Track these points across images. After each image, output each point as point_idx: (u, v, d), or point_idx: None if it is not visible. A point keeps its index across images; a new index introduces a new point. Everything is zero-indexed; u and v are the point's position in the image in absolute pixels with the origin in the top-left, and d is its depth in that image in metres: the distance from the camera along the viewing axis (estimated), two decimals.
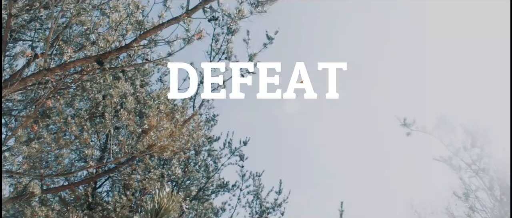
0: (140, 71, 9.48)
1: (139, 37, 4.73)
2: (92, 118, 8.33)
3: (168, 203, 1.95)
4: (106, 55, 4.62)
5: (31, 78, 4.70)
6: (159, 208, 1.95)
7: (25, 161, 5.54)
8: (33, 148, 5.49)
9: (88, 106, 8.66)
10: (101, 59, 4.53)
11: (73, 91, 8.48)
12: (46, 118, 8.08)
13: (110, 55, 4.71)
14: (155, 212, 1.95)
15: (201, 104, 8.86)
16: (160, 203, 1.95)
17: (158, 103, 5.90)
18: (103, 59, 4.60)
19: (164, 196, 1.95)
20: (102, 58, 4.56)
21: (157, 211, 1.94)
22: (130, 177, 8.85)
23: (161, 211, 1.95)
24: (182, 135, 8.80)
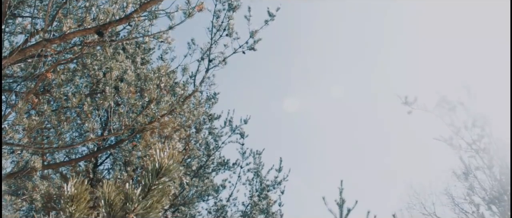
0: (140, 49, 9.43)
1: (139, 8, 4.67)
2: (92, 95, 8.31)
3: (169, 163, 1.94)
4: (106, 26, 4.57)
5: (30, 49, 4.67)
6: (160, 168, 1.94)
7: (26, 133, 5.53)
8: (34, 120, 5.48)
9: (88, 82, 8.64)
10: (101, 30, 4.49)
11: (74, 67, 8.45)
12: (46, 93, 8.08)
13: (110, 26, 4.67)
14: (156, 172, 1.94)
15: (202, 81, 8.82)
16: (161, 163, 1.94)
17: (158, 76, 5.87)
18: (103, 30, 4.55)
19: (165, 156, 1.94)
20: (102, 29, 4.52)
21: (158, 171, 1.93)
22: (131, 153, 8.86)
23: (162, 171, 1.94)
24: (183, 112, 8.80)
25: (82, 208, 2.31)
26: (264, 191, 10.03)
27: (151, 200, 1.97)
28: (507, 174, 11.16)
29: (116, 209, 2.00)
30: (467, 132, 11.15)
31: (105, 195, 1.99)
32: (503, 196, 11.46)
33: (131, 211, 1.97)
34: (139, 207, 1.96)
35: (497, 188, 11.62)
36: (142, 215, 2.02)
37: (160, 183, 1.95)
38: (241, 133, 10.55)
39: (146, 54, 9.83)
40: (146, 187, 1.95)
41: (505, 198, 11.38)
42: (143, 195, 1.95)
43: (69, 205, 2.32)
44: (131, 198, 1.95)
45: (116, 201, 1.99)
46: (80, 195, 2.32)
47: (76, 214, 2.31)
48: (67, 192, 2.32)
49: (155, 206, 2.05)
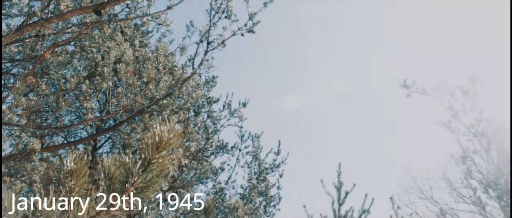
0: (139, 32, 9.38)
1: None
2: (91, 77, 8.29)
3: (169, 137, 1.94)
4: (104, 5, 4.54)
5: (28, 27, 4.63)
6: (160, 141, 1.93)
7: (24, 113, 5.53)
8: (32, 100, 5.47)
9: (87, 64, 8.60)
10: (99, 9, 4.46)
11: (72, 50, 8.41)
12: (44, 75, 8.05)
13: (108, 5, 4.63)
14: (155, 146, 1.93)
15: (201, 63, 8.79)
16: (161, 137, 1.93)
17: (157, 56, 5.84)
18: (101, 9, 4.52)
19: (164, 130, 1.93)
20: (100, 8, 4.48)
21: (157, 144, 1.93)
22: (129, 136, 8.87)
23: (162, 145, 1.93)
24: (181, 94, 8.79)
25: (81, 182, 2.31)
26: (263, 174, 10.07)
27: (151, 173, 1.97)
28: (504, 158, 11.22)
29: (115, 182, 2.00)
30: (465, 116, 11.19)
31: (105, 169, 1.99)
32: (500, 180, 11.54)
33: (131, 184, 1.97)
34: (139, 181, 1.96)
35: (494, 171, 11.69)
36: (142, 188, 2.03)
37: (160, 157, 1.95)
38: (239, 116, 10.55)
39: (144, 37, 9.78)
40: (146, 161, 1.95)
41: (502, 181, 11.46)
42: (143, 168, 1.95)
43: (69, 179, 2.32)
44: (131, 171, 1.94)
45: (116, 174, 1.99)
46: (80, 170, 2.32)
47: (76, 188, 2.31)
48: (66, 166, 2.33)
49: (155, 180, 2.05)
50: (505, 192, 11.44)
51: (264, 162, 10.47)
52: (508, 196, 11.29)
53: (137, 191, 2.02)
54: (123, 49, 7.27)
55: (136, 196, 2.05)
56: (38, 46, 7.31)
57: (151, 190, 2.08)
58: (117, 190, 1.98)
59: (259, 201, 9.92)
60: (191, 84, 9.58)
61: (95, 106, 6.50)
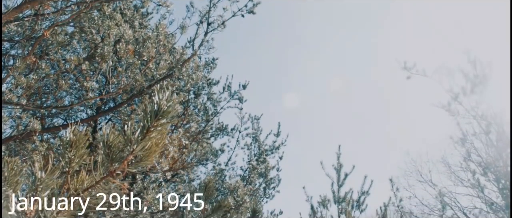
0: (138, 13, 9.33)
1: None
2: (90, 59, 8.27)
3: (167, 105, 1.94)
4: None
5: (27, 5, 4.61)
6: (158, 109, 1.94)
7: (24, 92, 5.53)
8: (32, 79, 5.47)
9: (86, 45, 8.58)
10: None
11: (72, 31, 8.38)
12: (44, 56, 8.03)
13: None
14: (154, 113, 1.94)
15: (201, 44, 8.77)
16: (160, 105, 1.94)
17: (157, 34, 5.82)
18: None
19: (163, 98, 1.94)
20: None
21: (156, 112, 1.94)
22: (129, 117, 8.88)
23: (160, 113, 1.94)
24: (181, 75, 8.79)
25: (81, 153, 2.33)
26: (262, 155, 10.10)
27: (150, 141, 1.98)
28: (503, 140, 11.24)
29: (115, 151, 2.01)
30: (465, 98, 11.19)
31: (104, 138, 2.00)
32: (499, 161, 11.58)
33: (130, 152, 1.99)
34: (138, 149, 1.97)
35: (493, 153, 11.73)
36: (141, 157, 2.04)
37: (159, 125, 1.96)
38: (239, 98, 10.55)
39: (144, 19, 9.73)
40: (145, 129, 1.96)
41: (501, 164, 11.50)
42: (142, 136, 1.96)
43: (68, 150, 2.33)
44: (129, 139, 1.96)
45: (115, 143, 2.01)
46: (79, 141, 2.33)
47: (76, 159, 2.33)
48: (66, 137, 2.34)
49: (154, 149, 2.06)
50: (503, 174, 11.49)
51: (264, 144, 10.50)
52: (506, 178, 11.34)
53: (136, 159, 2.03)
54: (123, 30, 7.25)
55: (135, 165, 2.07)
56: (37, 27, 7.29)
57: (150, 159, 2.10)
58: (116, 158, 2.00)
59: (258, 182, 9.97)
60: (191, 66, 9.56)
61: (95, 86, 6.49)
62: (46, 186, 2.08)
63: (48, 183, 2.09)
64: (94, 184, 2.08)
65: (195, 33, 9.13)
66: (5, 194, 2.30)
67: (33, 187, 2.09)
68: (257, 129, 10.68)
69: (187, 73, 9.00)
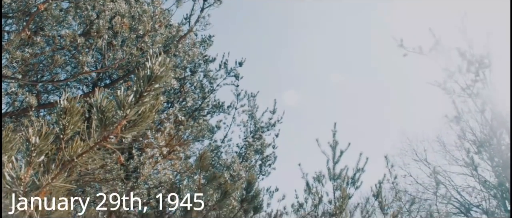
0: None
1: None
2: (86, 35, 8.21)
3: (161, 70, 1.95)
4: None
5: None
6: (151, 74, 1.94)
7: (20, 67, 5.51)
8: (27, 52, 5.44)
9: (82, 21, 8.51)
10: None
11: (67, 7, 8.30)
12: (39, 31, 7.97)
13: None
14: (147, 78, 1.95)
15: (197, 20, 8.73)
16: (152, 70, 1.94)
17: (153, 9, 5.78)
18: None
19: (156, 62, 1.94)
20: None
21: (149, 77, 1.94)
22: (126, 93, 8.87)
23: (153, 77, 1.95)
24: (178, 52, 8.75)
25: (75, 121, 2.34)
26: (258, 132, 10.14)
27: (143, 106, 1.99)
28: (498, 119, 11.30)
29: (108, 116, 2.02)
30: (461, 76, 11.20)
31: (97, 103, 2.01)
32: (492, 139, 11.67)
33: (123, 117, 1.99)
34: (132, 113, 1.98)
35: (487, 131, 11.81)
36: (134, 122, 2.05)
37: (152, 90, 1.97)
38: (235, 75, 10.55)
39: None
40: (138, 93, 1.96)
41: (495, 141, 11.59)
42: (135, 100, 1.97)
43: (62, 117, 2.34)
44: (123, 104, 1.96)
45: (108, 107, 2.01)
46: (73, 109, 2.34)
47: (70, 126, 2.34)
48: (60, 105, 2.34)
49: (147, 115, 2.07)
50: (497, 152, 11.61)
51: (260, 121, 10.54)
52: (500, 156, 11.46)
53: (130, 124, 2.04)
54: (118, 5, 7.18)
55: (129, 130, 2.08)
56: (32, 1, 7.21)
57: (144, 124, 2.11)
58: (110, 123, 2.01)
59: (254, 159, 10.03)
60: (187, 42, 9.52)
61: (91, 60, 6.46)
62: (40, 151, 2.10)
63: (43, 148, 2.11)
64: (88, 150, 2.10)
65: (191, 10, 9.10)
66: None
67: (28, 152, 2.10)
68: (253, 106, 10.70)
69: (183, 50, 8.97)
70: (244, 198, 3.84)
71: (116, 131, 1.99)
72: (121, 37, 5.95)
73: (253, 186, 3.90)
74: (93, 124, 2.08)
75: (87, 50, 7.83)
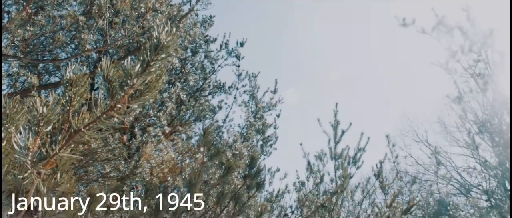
0: None
1: None
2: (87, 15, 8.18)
3: (167, 39, 1.95)
4: None
5: None
6: (158, 43, 1.94)
7: (21, 45, 5.50)
8: (28, 30, 5.43)
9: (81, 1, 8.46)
10: None
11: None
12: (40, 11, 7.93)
13: None
14: (154, 47, 1.95)
15: (198, 0, 8.68)
16: (159, 39, 1.94)
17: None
18: None
19: (163, 32, 1.94)
20: None
21: (156, 46, 1.94)
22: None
23: (160, 47, 1.95)
24: (179, 31, 8.72)
25: (81, 92, 2.35)
26: (260, 112, 10.16)
27: (150, 76, 1.99)
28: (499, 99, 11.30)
29: (115, 85, 2.03)
30: (463, 56, 11.17)
31: (104, 72, 2.02)
32: (494, 119, 11.68)
33: (130, 86, 2.00)
34: (138, 83, 1.99)
35: (489, 111, 11.82)
36: (141, 92, 2.06)
37: (158, 59, 1.97)
38: (237, 55, 10.53)
39: None
40: (145, 63, 1.97)
41: (496, 121, 11.60)
42: (142, 70, 1.97)
43: (68, 89, 2.35)
44: (129, 73, 1.97)
45: (115, 77, 2.02)
46: (79, 80, 2.35)
47: (76, 97, 2.35)
48: (66, 76, 2.35)
49: (154, 84, 2.08)
50: (498, 132, 11.64)
51: (261, 101, 10.55)
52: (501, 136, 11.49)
53: (137, 94, 2.05)
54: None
55: (136, 100, 2.09)
56: None
57: (151, 94, 2.11)
58: (116, 92, 2.01)
59: (256, 139, 10.06)
60: (188, 22, 9.49)
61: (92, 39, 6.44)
62: (47, 121, 2.11)
63: (50, 118, 2.12)
64: (96, 119, 2.11)
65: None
66: (7, 130, 2.33)
67: (35, 122, 2.12)
68: (255, 86, 10.70)
69: (184, 30, 8.94)
70: (247, 173, 3.87)
71: (123, 100, 2.00)
72: (122, 15, 5.93)
73: (256, 162, 3.93)
74: (100, 93, 2.09)
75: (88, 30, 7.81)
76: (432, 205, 13.82)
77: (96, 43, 9.02)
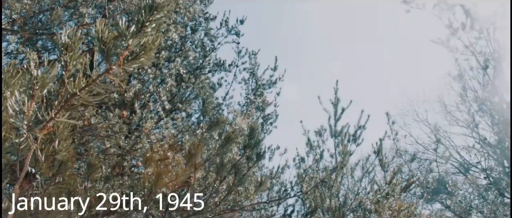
0: None
1: None
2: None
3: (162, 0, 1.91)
4: None
5: None
6: (153, 3, 1.91)
7: (19, 18, 5.46)
8: (26, 4, 5.38)
9: None
10: None
11: None
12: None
13: None
14: (148, 7, 1.92)
15: None
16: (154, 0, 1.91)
17: None
18: None
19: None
20: None
21: (151, 6, 1.91)
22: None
23: (154, 7, 1.91)
24: (178, 8, 8.66)
25: (76, 56, 2.32)
26: (260, 89, 10.13)
27: (145, 37, 1.97)
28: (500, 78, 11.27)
29: (109, 46, 2.00)
30: (464, 34, 11.09)
31: (98, 33, 1.99)
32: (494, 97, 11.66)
33: (124, 48, 1.98)
34: (134, 43, 1.96)
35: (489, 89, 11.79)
36: (136, 54, 2.03)
37: (154, 20, 1.94)
38: (236, 32, 10.46)
39: None
40: (140, 23, 1.94)
41: (496, 99, 11.59)
42: (137, 30, 1.94)
43: (64, 53, 2.33)
44: (124, 34, 1.94)
45: (109, 38, 1.99)
46: (74, 44, 2.32)
47: (71, 62, 2.33)
48: (61, 40, 2.32)
49: (150, 47, 2.05)
50: (498, 110, 11.63)
51: (261, 79, 10.51)
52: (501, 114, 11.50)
53: (132, 56, 2.03)
54: None
55: (132, 62, 2.07)
56: None
57: (146, 57, 2.09)
58: (111, 54, 1.99)
59: (256, 116, 10.06)
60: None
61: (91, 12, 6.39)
62: (43, 83, 2.09)
63: (45, 81, 2.10)
64: (91, 82, 2.09)
65: None
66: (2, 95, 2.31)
67: (30, 85, 2.10)
68: (255, 64, 10.65)
69: (184, 6, 8.87)
70: (247, 144, 3.87)
71: (119, 61, 1.97)
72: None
73: (255, 133, 3.92)
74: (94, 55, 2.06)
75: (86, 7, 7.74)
76: (431, 182, 13.88)
77: (95, 18, 8.95)
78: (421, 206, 14.20)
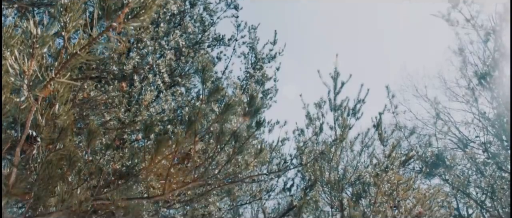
0: None
1: None
2: None
3: None
4: None
5: None
6: None
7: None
8: None
9: None
10: None
11: None
12: None
13: None
14: None
15: None
16: None
17: None
18: None
19: None
20: None
21: None
22: None
23: None
24: None
25: (76, 18, 2.30)
26: (259, 63, 10.09)
27: None
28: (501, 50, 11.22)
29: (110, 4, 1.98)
30: (465, 7, 11.00)
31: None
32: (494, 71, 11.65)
33: (125, 5, 1.96)
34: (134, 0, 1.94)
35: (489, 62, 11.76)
36: (137, 13, 2.02)
37: None
38: (235, 6, 10.37)
39: None
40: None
41: (496, 73, 11.57)
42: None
43: (63, 14, 2.31)
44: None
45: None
46: (74, 5, 2.30)
47: (71, 23, 2.31)
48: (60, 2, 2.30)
49: (150, 5, 2.03)
50: (498, 84, 11.63)
51: (261, 53, 10.46)
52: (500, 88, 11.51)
53: (133, 14, 2.01)
54: None
55: (132, 21, 2.05)
56: None
57: (146, 16, 2.08)
58: (111, 11, 1.98)
59: (255, 90, 10.04)
60: None
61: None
62: (42, 42, 2.08)
63: (45, 39, 2.09)
64: (92, 41, 2.08)
65: None
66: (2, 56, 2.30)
67: (29, 43, 2.09)
68: (254, 38, 10.59)
69: None
70: (247, 111, 3.88)
71: (119, 19, 1.96)
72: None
73: (255, 101, 3.92)
74: (94, 12, 2.05)
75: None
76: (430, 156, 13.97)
77: None
78: (420, 181, 14.33)
